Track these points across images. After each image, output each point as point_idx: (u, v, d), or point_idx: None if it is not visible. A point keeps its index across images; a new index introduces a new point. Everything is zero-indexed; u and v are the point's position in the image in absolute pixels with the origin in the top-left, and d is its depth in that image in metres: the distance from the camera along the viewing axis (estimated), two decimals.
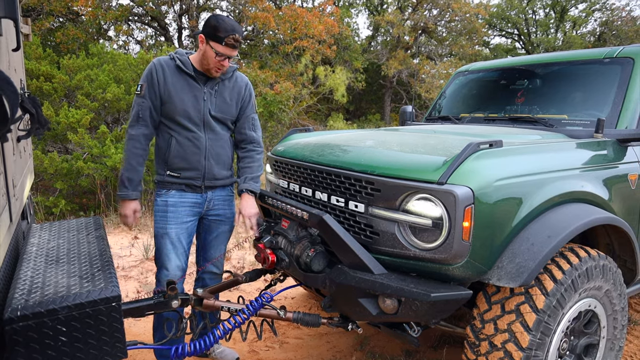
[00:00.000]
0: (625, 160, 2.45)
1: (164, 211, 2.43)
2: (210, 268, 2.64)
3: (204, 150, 2.42)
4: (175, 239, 2.43)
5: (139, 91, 2.36)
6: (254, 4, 12.20)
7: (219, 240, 2.64)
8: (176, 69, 2.37)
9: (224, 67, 2.34)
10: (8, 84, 1.12)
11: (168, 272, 2.43)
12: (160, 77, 2.35)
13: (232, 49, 2.27)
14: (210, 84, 2.43)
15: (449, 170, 1.81)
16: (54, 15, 11.60)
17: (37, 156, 5.69)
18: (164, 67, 2.36)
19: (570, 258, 1.99)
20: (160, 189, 2.46)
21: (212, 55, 2.28)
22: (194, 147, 2.40)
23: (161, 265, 2.45)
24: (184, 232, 2.46)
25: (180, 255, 2.46)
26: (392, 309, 1.87)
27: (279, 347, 2.99)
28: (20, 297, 1.42)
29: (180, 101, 2.36)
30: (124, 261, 4.60)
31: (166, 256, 2.43)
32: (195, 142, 2.40)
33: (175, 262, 2.44)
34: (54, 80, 6.50)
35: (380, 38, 19.28)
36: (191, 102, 2.38)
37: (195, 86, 2.39)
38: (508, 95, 3.24)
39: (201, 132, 2.42)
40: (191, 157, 2.40)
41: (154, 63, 2.37)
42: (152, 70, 2.36)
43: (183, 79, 2.38)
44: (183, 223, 2.46)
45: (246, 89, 2.55)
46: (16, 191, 1.76)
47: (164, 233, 2.42)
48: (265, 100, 9.76)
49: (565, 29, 22.22)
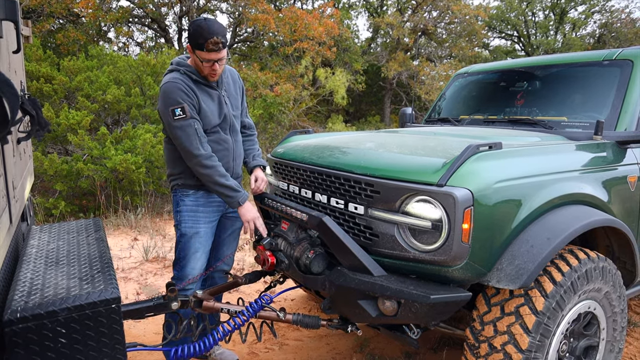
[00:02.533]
0: (625, 162, 2.46)
1: (195, 211, 2.47)
2: (222, 266, 2.69)
3: (232, 152, 2.51)
4: (204, 237, 2.50)
5: (182, 115, 2.24)
6: (254, 5, 12.22)
7: (232, 237, 2.72)
8: (194, 82, 2.33)
9: (217, 71, 2.31)
10: (8, 86, 1.12)
11: (194, 270, 2.48)
12: (192, 94, 2.28)
13: (215, 52, 2.21)
14: (221, 85, 2.46)
15: (449, 172, 1.81)
16: (54, 17, 11.60)
17: (37, 158, 5.69)
18: (187, 83, 2.29)
19: (569, 260, 1.99)
20: (186, 189, 2.47)
21: (200, 64, 2.26)
22: (225, 151, 2.47)
23: (186, 264, 2.47)
24: (210, 231, 2.55)
25: (207, 253, 2.55)
26: (391, 311, 1.87)
27: (279, 349, 2.99)
28: (20, 298, 1.42)
29: (211, 112, 2.38)
30: (124, 263, 4.59)
31: (194, 255, 2.48)
32: (225, 145, 2.47)
33: (202, 261, 2.51)
34: (54, 82, 6.50)
35: (380, 40, 19.30)
36: (217, 109, 2.42)
37: (213, 93, 2.41)
38: (507, 97, 3.25)
39: (228, 135, 2.48)
40: (223, 160, 2.44)
41: (177, 83, 2.26)
42: (183, 91, 2.25)
43: (202, 89, 2.36)
44: (211, 222, 2.54)
45: (240, 79, 2.67)
46: (16, 193, 1.77)
47: (195, 232, 2.47)
48: (265, 102, 9.76)
49: (564, 31, 22.24)
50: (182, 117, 2.24)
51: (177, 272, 2.50)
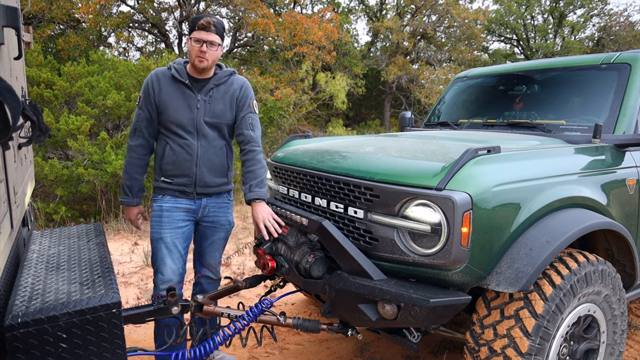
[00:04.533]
0: (623, 165, 2.46)
1: (159, 216, 2.46)
2: (207, 274, 2.65)
3: (195, 157, 2.43)
4: (170, 243, 2.45)
5: (138, 103, 2.48)
6: (254, 10, 12.27)
7: (213, 247, 2.63)
8: (172, 78, 2.44)
9: (204, 55, 2.33)
10: (10, 93, 1.13)
11: (163, 276, 2.43)
12: (156, 88, 2.42)
13: (206, 31, 2.32)
14: (204, 91, 2.44)
15: (448, 176, 1.82)
16: (55, 23, 11.65)
17: (38, 163, 5.70)
18: (160, 77, 2.44)
19: (569, 263, 1.99)
20: (156, 194, 2.50)
21: (191, 45, 2.36)
22: (186, 154, 2.43)
23: (157, 270, 2.46)
24: (179, 237, 2.48)
25: (176, 259, 2.46)
26: (391, 315, 1.87)
27: (279, 353, 2.99)
28: (21, 304, 1.43)
29: (173, 110, 2.41)
30: (124, 267, 4.59)
31: (161, 260, 2.44)
32: (187, 149, 2.43)
33: (171, 267, 2.44)
34: (55, 87, 6.52)
35: (380, 44, 19.36)
36: (184, 110, 2.42)
37: (189, 94, 2.43)
38: (506, 100, 3.26)
39: (193, 140, 2.43)
40: (183, 163, 2.43)
41: (151, 75, 2.46)
42: (148, 82, 2.45)
43: (178, 88, 2.43)
44: (178, 228, 2.47)
45: (241, 90, 2.50)
46: (17, 198, 1.77)
47: (159, 237, 2.45)
48: (266, 106, 9.78)
49: (563, 34, 22.31)
50: (137, 104, 2.48)
51: (153, 278, 2.50)
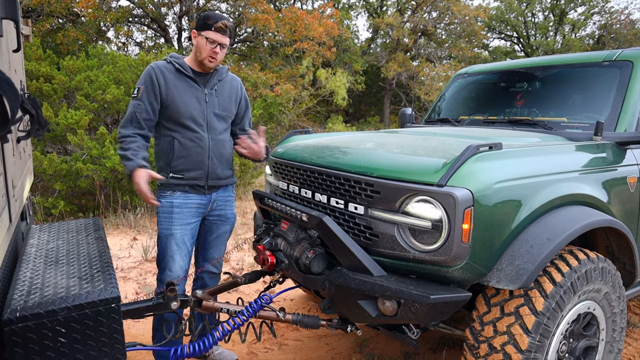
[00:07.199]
0: (624, 163, 2.46)
1: (169, 212, 2.44)
2: (210, 268, 2.66)
3: (207, 150, 2.45)
4: (180, 240, 2.45)
5: (135, 94, 2.37)
6: (254, 5, 12.23)
7: (219, 240, 2.66)
8: (176, 71, 2.41)
9: (217, 55, 2.36)
10: (8, 85, 1.12)
11: (172, 272, 2.43)
12: (161, 80, 2.37)
13: (222, 34, 2.33)
14: (209, 85, 2.46)
15: (449, 173, 1.81)
16: (54, 17, 11.60)
17: (37, 157, 5.69)
18: (163, 70, 2.39)
19: (569, 260, 1.99)
20: (164, 190, 2.47)
21: (204, 44, 2.33)
22: (198, 147, 2.42)
23: (165, 267, 2.45)
24: (188, 233, 2.49)
25: (184, 256, 2.48)
26: (391, 311, 1.86)
27: (278, 349, 2.99)
28: (19, 298, 1.42)
29: (183, 103, 2.38)
30: (123, 262, 4.59)
31: (171, 257, 2.44)
32: (199, 142, 2.42)
33: (179, 263, 2.46)
34: (54, 81, 6.50)
35: (380, 40, 19.32)
36: (194, 103, 2.41)
37: (196, 88, 2.42)
38: (507, 97, 3.25)
39: (204, 132, 2.44)
40: (195, 157, 2.42)
41: (153, 67, 2.39)
42: (151, 74, 2.37)
43: (184, 81, 2.41)
44: (188, 224, 2.48)
45: (241, 89, 2.67)
46: (16, 192, 1.76)
47: (170, 234, 2.44)
48: (265, 102, 9.76)
49: (564, 32, 22.28)
50: (134, 96, 2.37)
51: (158, 274, 2.50)
